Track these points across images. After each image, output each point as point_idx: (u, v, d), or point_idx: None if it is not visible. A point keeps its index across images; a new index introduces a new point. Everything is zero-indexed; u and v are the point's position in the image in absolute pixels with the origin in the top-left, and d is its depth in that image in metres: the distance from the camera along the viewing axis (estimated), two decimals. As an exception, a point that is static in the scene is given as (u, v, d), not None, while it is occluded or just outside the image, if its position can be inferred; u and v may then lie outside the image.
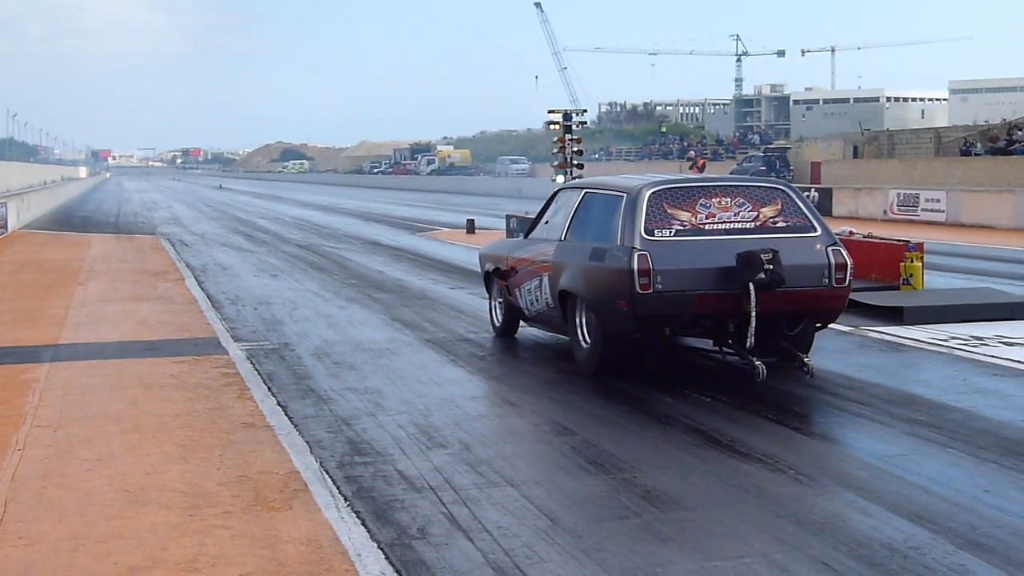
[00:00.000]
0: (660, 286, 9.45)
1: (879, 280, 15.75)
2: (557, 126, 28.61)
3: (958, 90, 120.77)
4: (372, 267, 22.01)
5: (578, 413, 9.09)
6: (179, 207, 57.88)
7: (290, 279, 19.95)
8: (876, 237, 17.23)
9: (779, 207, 10.05)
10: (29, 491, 6.98)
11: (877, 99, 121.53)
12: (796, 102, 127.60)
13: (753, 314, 9.40)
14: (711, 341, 10.55)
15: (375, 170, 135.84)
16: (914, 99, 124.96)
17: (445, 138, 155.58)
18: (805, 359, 9.81)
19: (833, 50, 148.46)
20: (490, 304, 13.22)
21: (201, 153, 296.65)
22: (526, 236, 12.37)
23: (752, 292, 9.35)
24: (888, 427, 8.42)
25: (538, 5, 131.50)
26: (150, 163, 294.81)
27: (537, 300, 11.47)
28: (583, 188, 11.46)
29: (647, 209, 9.80)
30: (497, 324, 12.94)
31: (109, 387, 10.23)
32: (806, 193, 36.18)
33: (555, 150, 28.75)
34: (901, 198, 36.46)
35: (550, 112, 29.09)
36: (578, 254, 10.56)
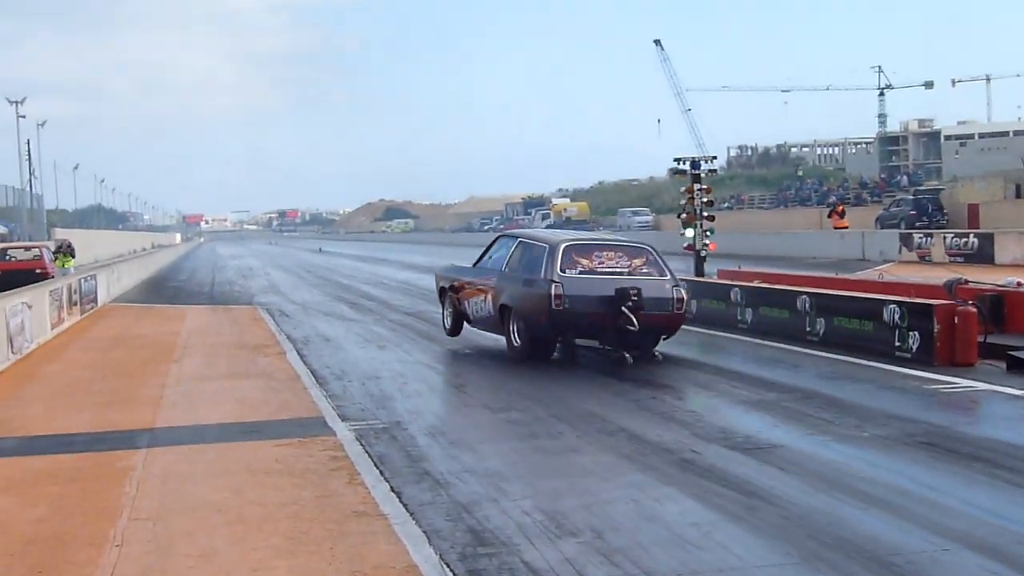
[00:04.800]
0: (567, 305, 16.21)
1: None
2: (683, 176, 28.43)
3: None
4: (487, 334, 22.01)
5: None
6: (277, 273, 58.78)
7: (399, 350, 20.02)
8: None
9: (644, 259, 16.90)
10: (130, 591, 7.06)
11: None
12: (948, 138, 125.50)
13: (626, 326, 15.89)
14: (597, 341, 17.25)
15: (486, 227, 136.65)
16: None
17: (560, 190, 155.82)
18: (655, 352, 16.79)
19: (988, 79, 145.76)
20: (443, 312, 20.21)
21: (298, 214, 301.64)
22: (474, 266, 19.15)
23: (625, 312, 15.84)
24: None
25: (657, 42, 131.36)
26: (244, 226, 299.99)
27: (481, 310, 18.32)
28: (518, 237, 18.55)
29: (561, 256, 16.61)
30: (447, 327, 19.91)
31: (210, 474, 10.37)
32: (963, 239, 37.17)
33: (683, 201, 28.49)
34: (1074, 242, 35.63)
35: (676, 160, 28.83)
36: (514, 281, 17.38)
